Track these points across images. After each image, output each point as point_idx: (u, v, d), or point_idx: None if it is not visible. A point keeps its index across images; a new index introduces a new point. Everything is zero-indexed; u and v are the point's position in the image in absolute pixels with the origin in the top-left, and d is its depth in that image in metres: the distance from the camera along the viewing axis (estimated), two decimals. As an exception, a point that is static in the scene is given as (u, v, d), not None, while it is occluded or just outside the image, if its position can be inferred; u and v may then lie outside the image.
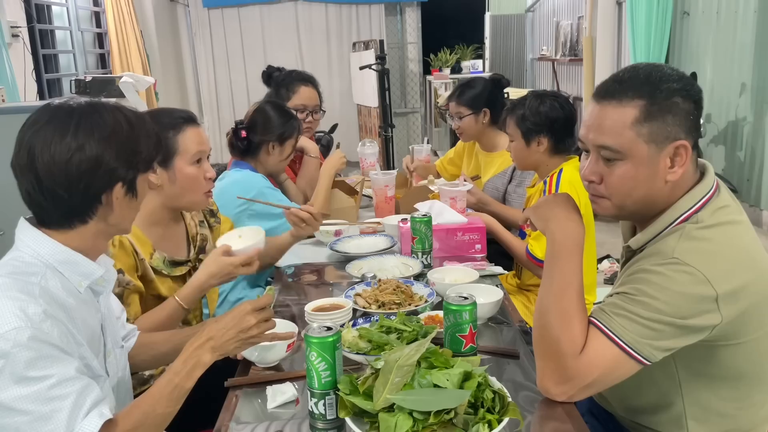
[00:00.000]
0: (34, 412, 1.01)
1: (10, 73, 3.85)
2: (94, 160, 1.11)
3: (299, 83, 2.83)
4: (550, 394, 1.20)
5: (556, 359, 1.18)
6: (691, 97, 1.17)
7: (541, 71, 9.01)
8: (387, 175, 2.63)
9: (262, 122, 2.38)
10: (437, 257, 2.06)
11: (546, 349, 1.20)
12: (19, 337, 1.01)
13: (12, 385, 1.00)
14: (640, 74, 1.19)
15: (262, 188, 2.28)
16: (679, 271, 1.12)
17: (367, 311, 1.62)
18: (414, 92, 7.71)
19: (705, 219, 1.18)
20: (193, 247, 1.82)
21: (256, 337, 1.27)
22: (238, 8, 6.96)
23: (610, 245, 4.40)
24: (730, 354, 1.18)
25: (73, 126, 1.11)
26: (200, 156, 1.73)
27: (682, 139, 1.16)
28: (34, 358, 1.01)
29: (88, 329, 1.16)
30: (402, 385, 1.09)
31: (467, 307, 1.31)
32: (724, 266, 1.13)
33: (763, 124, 4.62)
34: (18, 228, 1.16)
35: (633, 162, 1.17)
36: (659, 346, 1.13)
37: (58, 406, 1.03)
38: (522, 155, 2.21)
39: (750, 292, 1.14)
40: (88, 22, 5.60)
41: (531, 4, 9.57)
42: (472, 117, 2.80)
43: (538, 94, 2.19)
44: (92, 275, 1.18)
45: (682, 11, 5.39)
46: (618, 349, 1.14)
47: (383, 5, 7.17)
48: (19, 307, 1.03)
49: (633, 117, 1.16)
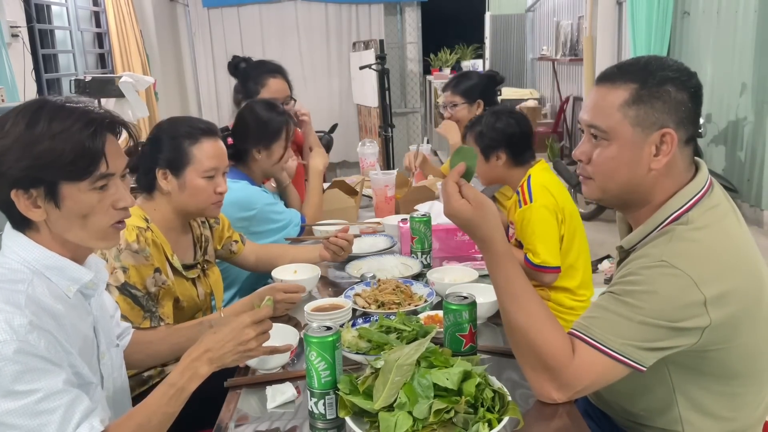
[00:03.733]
0: (23, 426, 1.00)
1: (10, 73, 3.85)
2: None
3: (267, 75, 2.70)
4: (550, 399, 1.20)
5: (549, 370, 1.18)
6: (687, 89, 1.18)
7: (542, 71, 9.01)
8: (387, 175, 2.63)
9: (245, 126, 2.28)
10: (437, 257, 2.06)
11: (535, 361, 1.20)
12: (5, 350, 0.99)
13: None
14: (640, 62, 1.22)
15: (262, 206, 2.23)
16: (667, 275, 1.12)
17: (367, 311, 1.62)
18: (414, 92, 7.71)
19: (695, 219, 1.18)
20: (199, 248, 1.83)
21: (254, 350, 1.25)
22: (238, 8, 6.95)
23: (610, 245, 4.40)
24: (722, 356, 1.17)
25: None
26: (214, 173, 1.72)
27: (670, 128, 1.17)
28: (20, 371, 1.00)
29: (79, 334, 1.15)
30: (402, 384, 1.09)
31: (467, 307, 1.31)
32: (712, 269, 1.12)
33: (763, 124, 4.62)
34: (4, 234, 1.14)
35: (617, 143, 1.19)
36: (648, 347, 1.13)
37: (47, 420, 1.01)
38: (483, 170, 2.27)
39: (739, 294, 1.13)
40: (87, 22, 5.60)
41: (531, 4, 9.57)
42: (466, 107, 2.83)
43: (495, 111, 2.27)
44: (81, 280, 1.16)
45: (682, 11, 5.39)
46: (607, 357, 1.14)
47: (383, 5, 7.17)
48: (4, 320, 1.01)
49: (622, 99, 1.18)
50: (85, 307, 1.20)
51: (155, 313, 1.59)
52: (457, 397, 1.08)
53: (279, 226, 2.27)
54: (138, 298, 1.55)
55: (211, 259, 1.89)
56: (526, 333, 1.19)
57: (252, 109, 2.32)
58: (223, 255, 2.01)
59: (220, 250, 1.98)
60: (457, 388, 1.09)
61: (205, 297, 1.80)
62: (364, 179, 2.86)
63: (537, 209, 2.05)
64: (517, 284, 1.22)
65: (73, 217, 1.10)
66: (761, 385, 1.25)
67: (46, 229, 1.12)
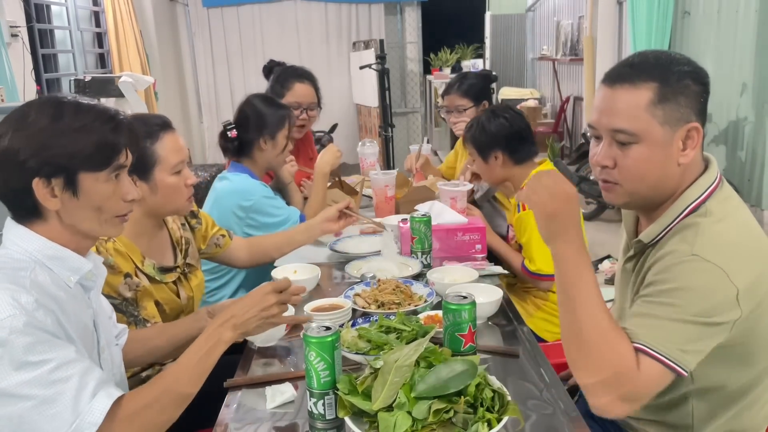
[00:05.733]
0: (38, 396, 1.01)
1: (10, 73, 3.84)
2: (5, 152, 1.09)
3: (294, 80, 2.77)
4: (613, 413, 1.13)
5: (616, 377, 1.10)
6: (700, 80, 1.19)
7: (542, 71, 9.01)
8: (387, 175, 2.62)
9: (249, 118, 2.33)
10: (437, 257, 2.06)
11: (598, 365, 1.11)
12: (15, 323, 1.01)
13: (12, 371, 1.00)
14: (649, 58, 1.20)
15: (260, 198, 2.25)
16: (700, 270, 1.10)
17: (367, 311, 1.62)
18: (414, 92, 7.70)
19: (715, 211, 1.17)
20: (179, 252, 1.78)
21: (276, 316, 1.30)
22: (238, 7, 6.94)
23: (610, 245, 4.40)
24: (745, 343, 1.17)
25: (5, 118, 1.12)
26: (181, 167, 1.67)
27: (694, 121, 1.17)
28: (32, 343, 1.02)
29: (80, 324, 1.16)
30: (401, 385, 1.08)
31: (466, 307, 1.31)
32: (741, 259, 1.12)
33: (763, 124, 4.61)
34: (5, 227, 1.16)
35: (648, 144, 1.17)
36: (690, 349, 1.10)
37: (62, 389, 1.03)
38: (484, 171, 2.27)
39: (764, 281, 1.13)
40: (87, 22, 5.60)
41: (531, 4, 9.57)
42: (473, 110, 2.81)
43: (490, 111, 2.27)
44: (81, 270, 1.18)
45: (682, 11, 5.39)
46: (662, 366, 1.09)
47: (383, 5, 7.16)
48: (11, 296, 1.03)
49: (648, 99, 1.15)
50: (85, 299, 1.21)
51: (138, 317, 1.56)
52: (456, 397, 1.08)
53: (277, 221, 2.27)
54: (117, 306, 1.51)
55: (194, 262, 1.83)
56: (592, 338, 1.12)
57: (260, 99, 2.39)
58: (210, 252, 1.97)
59: (205, 248, 1.94)
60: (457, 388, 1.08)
61: (187, 300, 1.75)
62: (364, 179, 2.85)
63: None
64: (592, 286, 1.15)
65: (88, 206, 1.15)
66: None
67: (55, 220, 1.15)
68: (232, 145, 2.34)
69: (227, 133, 2.33)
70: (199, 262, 1.88)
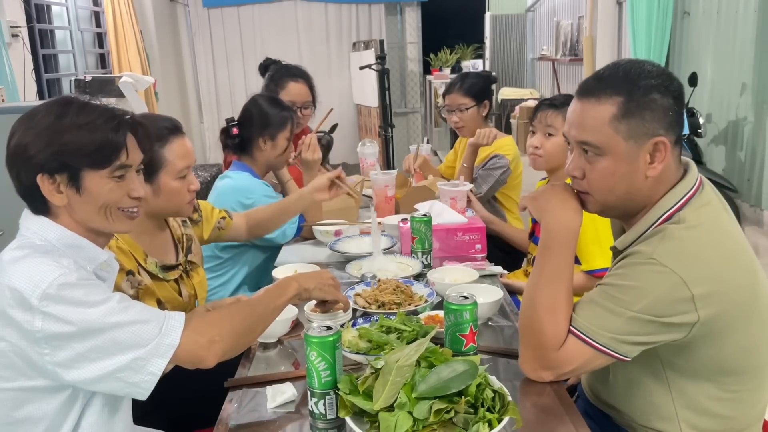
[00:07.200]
0: (122, 321, 1.09)
1: (10, 73, 3.84)
2: (15, 147, 1.15)
3: (288, 79, 2.81)
4: (530, 376, 1.28)
5: (539, 350, 1.24)
6: (671, 93, 1.18)
7: (542, 71, 9.02)
8: (387, 175, 2.62)
9: (251, 117, 2.37)
10: (437, 257, 2.06)
11: (531, 339, 1.26)
12: (68, 279, 1.08)
13: (87, 309, 1.07)
14: (619, 71, 1.20)
15: (261, 196, 2.27)
16: (656, 272, 1.13)
17: (367, 311, 1.62)
18: (414, 92, 7.70)
19: (688, 218, 1.18)
20: (181, 250, 1.79)
21: (332, 286, 1.46)
22: (238, 8, 6.94)
23: (610, 245, 4.39)
24: (716, 353, 1.18)
25: (20, 117, 1.17)
26: (186, 172, 1.69)
27: (661, 136, 1.17)
28: (90, 286, 1.10)
29: None
30: (402, 384, 1.08)
31: (468, 307, 1.31)
32: (702, 268, 1.13)
33: (763, 124, 4.61)
34: (22, 218, 1.21)
35: (613, 158, 1.19)
36: (635, 341, 1.16)
37: (138, 307, 1.13)
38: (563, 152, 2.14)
39: (731, 292, 1.14)
40: (87, 22, 5.60)
41: (531, 4, 9.58)
42: (475, 109, 2.82)
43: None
44: (97, 259, 1.22)
45: (682, 11, 5.39)
46: (592, 349, 1.19)
47: (383, 5, 7.16)
48: (51, 261, 1.10)
49: (611, 114, 1.17)
50: None
51: None
52: (457, 397, 1.08)
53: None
54: None
55: (196, 259, 1.84)
56: (537, 311, 1.24)
57: (264, 99, 2.42)
58: (215, 236, 2.01)
59: (208, 237, 1.98)
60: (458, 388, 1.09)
61: (189, 298, 1.76)
62: (364, 179, 2.85)
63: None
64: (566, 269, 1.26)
65: (92, 202, 1.18)
66: (760, 382, 1.25)
67: (65, 215, 1.19)
68: (233, 142, 2.37)
69: (229, 129, 2.35)
70: (201, 259, 1.89)
